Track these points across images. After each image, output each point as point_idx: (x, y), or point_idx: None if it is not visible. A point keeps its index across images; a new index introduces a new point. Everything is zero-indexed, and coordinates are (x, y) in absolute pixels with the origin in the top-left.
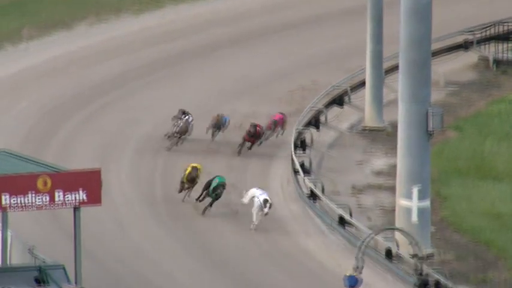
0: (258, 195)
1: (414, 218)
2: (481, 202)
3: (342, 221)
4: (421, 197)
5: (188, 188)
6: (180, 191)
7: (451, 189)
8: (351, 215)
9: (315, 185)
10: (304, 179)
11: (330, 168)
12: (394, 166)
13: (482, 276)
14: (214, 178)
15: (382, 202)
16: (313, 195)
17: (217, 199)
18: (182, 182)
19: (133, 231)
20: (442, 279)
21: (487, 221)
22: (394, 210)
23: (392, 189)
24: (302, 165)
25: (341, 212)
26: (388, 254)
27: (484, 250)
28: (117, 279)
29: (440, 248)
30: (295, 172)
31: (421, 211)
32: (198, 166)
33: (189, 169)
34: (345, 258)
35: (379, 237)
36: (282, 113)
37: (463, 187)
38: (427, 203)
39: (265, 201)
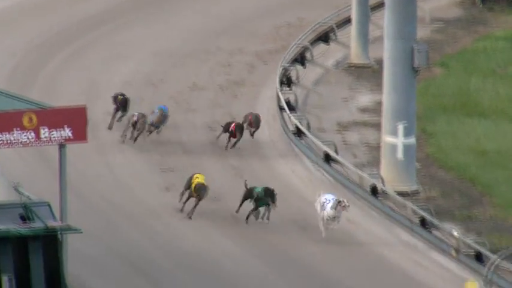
0: (323, 203)
1: (399, 154)
2: (467, 139)
3: (328, 158)
4: (407, 133)
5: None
6: (182, 200)
7: (437, 126)
8: (336, 151)
9: (301, 122)
10: (289, 116)
11: (316, 105)
12: (380, 103)
13: (468, 213)
14: (254, 189)
15: (367, 139)
16: (298, 132)
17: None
18: (188, 191)
19: (119, 168)
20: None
21: (473, 157)
22: (379, 147)
23: (377, 126)
24: (288, 102)
25: (326, 148)
26: (374, 190)
27: (469, 187)
28: (102, 216)
29: (426, 184)
30: (281, 109)
31: (406, 148)
32: (202, 179)
33: (196, 182)
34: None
35: (365, 174)
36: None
37: (448, 124)
38: (412, 140)
39: (338, 202)
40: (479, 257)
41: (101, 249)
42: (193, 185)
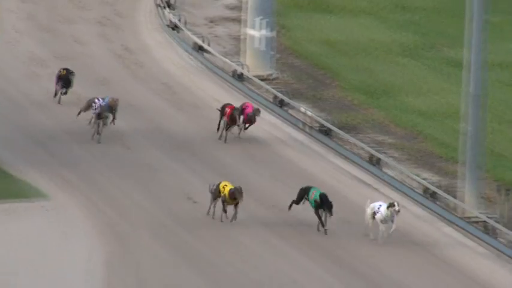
0: (376, 208)
1: (259, 44)
2: (318, 32)
3: (199, 48)
4: (266, 27)
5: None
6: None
7: (293, 21)
8: (206, 42)
9: (175, 17)
10: (166, 12)
11: (189, 4)
12: (243, 1)
13: (318, 95)
14: (311, 189)
15: (232, 32)
16: (174, 27)
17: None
18: (223, 202)
19: (28, 59)
20: (285, 98)
21: (323, 48)
22: (242, 39)
23: (241, 21)
24: (166, 1)
25: (198, 40)
26: (238, 76)
27: (320, 73)
28: (14, 103)
29: (284, 71)
30: (158, 6)
31: (265, 39)
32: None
33: (227, 189)
34: (202, 80)
35: (230, 62)
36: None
37: (302, 19)
38: (270, 33)
39: (391, 204)
40: (327, 132)
41: (11, 128)
42: (226, 193)
